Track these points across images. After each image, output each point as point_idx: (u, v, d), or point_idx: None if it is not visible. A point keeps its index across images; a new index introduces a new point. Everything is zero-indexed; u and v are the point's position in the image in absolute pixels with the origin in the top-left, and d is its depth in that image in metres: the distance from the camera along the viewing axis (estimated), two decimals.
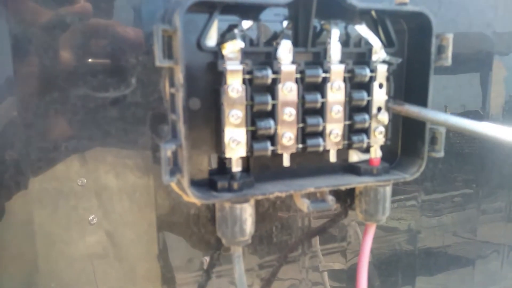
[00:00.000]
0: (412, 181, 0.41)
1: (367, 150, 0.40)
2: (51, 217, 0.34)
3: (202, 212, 0.38)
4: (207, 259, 0.42)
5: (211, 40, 0.34)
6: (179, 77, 0.31)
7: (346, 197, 0.42)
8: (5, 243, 0.34)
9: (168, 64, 0.31)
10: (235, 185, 0.35)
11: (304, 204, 0.36)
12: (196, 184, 0.35)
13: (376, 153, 0.40)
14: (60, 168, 0.33)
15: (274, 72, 0.35)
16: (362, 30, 0.39)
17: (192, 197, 0.33)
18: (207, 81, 0.35)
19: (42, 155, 0.32)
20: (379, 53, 0.39)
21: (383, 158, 0.41)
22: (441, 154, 0.40)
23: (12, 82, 0.30)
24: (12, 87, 0.30)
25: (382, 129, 0.39)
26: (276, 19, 0.38)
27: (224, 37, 0.35)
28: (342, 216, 0.44)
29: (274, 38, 0.38)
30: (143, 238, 0.38)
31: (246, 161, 0.37)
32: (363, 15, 0.39)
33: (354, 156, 0.41)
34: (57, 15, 0.32)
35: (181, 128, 0.32)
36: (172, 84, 0.34)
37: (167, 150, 0.31)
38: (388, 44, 0.40)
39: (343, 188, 0.38)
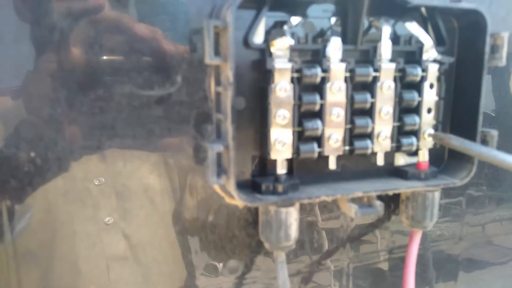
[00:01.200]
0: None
1: (414, 153, 0.39)
2: (87, 217, 0.34)
3: (243, 214, 0.37)
4: (220, 264, 0.41)
5: (259, 37, 0.33)
6: (228, 75, 0.30)
7: (389, 202, 0.41)
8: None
9: (217, 62, 0.30)
10: (280, 187, 0.34)
11: (351, 210, 0.34)
12: (239, 185, 0.33)
13: (424, 157, 0.38)
14: (101, 167, 0.32)
15: (323, 71, 0.33)
16: (413, 27, 0.37)
17: (238, 200, 0.31)
18: (253, 80, 0.34)
19: (85, 152, 0.31)
20: (430, 52, 0.37)
21: (429, 162, 0.39)
22: (487, 161, 0.38)
23: (53, 76, 0.29)
24: (54, 83, 0.29)
25: (431, 131, 0.37)
26: (324, 15, 0.36)
27: (270, 34, 0.34)
28: (385, 221, 0.43)
29: (321, 35, 0.37)
30: (178, 238, 0.37)
31: (289, 162, 0.36)
32: (413, 12, 0.38)
33: (401, 159, 0.39)
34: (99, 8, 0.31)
35: (229, 128, 0.31)
36: (218, 83, 0.33)
37: (214, 151, 0.30)
38: (438, 42, 0.38)
39: (390, 193, 0.36)
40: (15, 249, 0.31)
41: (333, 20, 0.36)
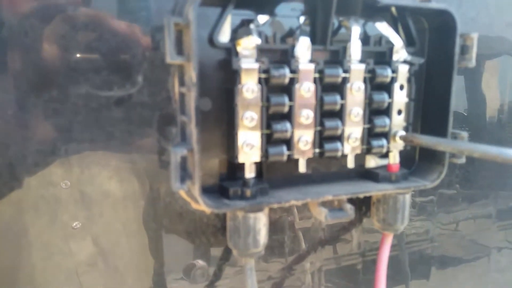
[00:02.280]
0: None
1: (384, 155, 0.38)
2: (47, 225, 0.32)
3: (211, 220, 0.36)
4: (199, 261, 0.39)
5: (224, 35, 0.32)
6: (192, 75, 0.28)
7: (361, 205, 0.40)
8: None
9: (180, 61, 0.28)
10: (248, 192, 0.33)
11: (321, 213, 0.33)
12: (205, 190, 0.32)
13: (395, 159, 0.38)
14: (57, 172, 0.30)
15: (292, 71, 0.32)
16: (383, 28, 0.37)
17: (203, 206, 0.30)
18: (219, 80, 0.32)
19: (40, 158, 0.29)
20: (400, 52, 0.37)
21: (400, 164, 0.39)
22: (462, 160, 0.38)
23: (6, 78, 0.27)
24: (6, 84, 0.27)
25: (402, 133, 0.37)
26: (292, 14, 0.35)
27: (237, 33, 0.33)
28: (356, 224, 0.42)
29: (290, 35, 0.35)
30: (146, 247, 0.36)
31: (258, 166, 0.35)
32: (383, 12, 0.37)
33: (371, 162, 0.38)
34: (54, 4, 0.29)
35: (193, 130, 0.29)
36: (182, 83, 0.32)
37: (177, 155, 0.29)
38: (408, 43, 0.38)
39: (361, 196, 0.35)
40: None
41: (302, 19, 0.35)
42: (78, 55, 0.28)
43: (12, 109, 0.27)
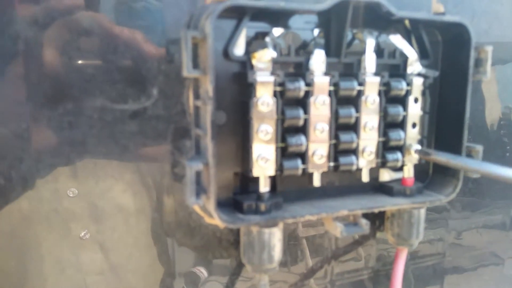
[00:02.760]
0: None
1: (399, 168, 0.38)
2: (59, 237, 0.31)
3: (224, 235, 0.35)
4: (201, 269, 0.39)
5: (239, 48, 0.32)
6: (208, 89, 0.28)
7: (374, 218, 0.39)
8: None
9: (196, 75, 0.28)
10: (263, 206, 0.32)
11: (337, 229, 0.33)
12: (219, 204, 0.31)
13: (409, 172, 0.37)
14: (72, 185, 0.30)
15: (307, 84, 0.32)
16: (397, 40, 0.36)
17: (218, 221, 0.29)
18: (234, 93, 0.32)
19: (54, 170, 0.29)
20: (414, 65, 0.37)
21: (414, 177, 0.38)
22: (477, 174, 0.38)
23: (22, 90, 0.27)
24: (21, 97, 0.27)
25: (418, 146, 0.36)
26: (306, 27, 0.35)
27: (251, 45, 0.32)
28: (370, 238, 0.41)
29: (303, 48, 0.35)
30: (157, 260, 0.35)
31: (272, 179, 0.34)
32: (397, 25, 0.37)
33: (386, 175, 0.38)
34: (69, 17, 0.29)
35: (209, 144, 0.29)
36: (197, 96, 0.31)
37: (193, 170, 0.28)
38: (422, 56, 0.38)
39: (376, 210, 0.35)
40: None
41: (316, 31, 0.35)
42: (93, 68, 0.28)
43: (26, 123, 0.27)
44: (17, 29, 0.26)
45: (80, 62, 0.28)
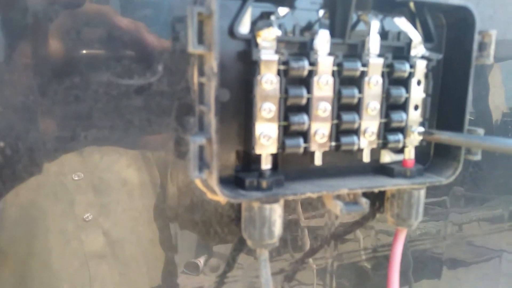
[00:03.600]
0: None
1: (400, 150, 0.38)
2: (63, 213, 0.32)
3: (226, 211, 0.36)
4: (201, 261, 0.40)
5: (244, 27, 0.32)
6: (213, 65, 0.29)
7: (374, 199, 0.40)
8: None
9: (201, 51, 0.28)
10: (264, 183, 0.33)
11: (337, 207, 0.33)
12: (221, 181, 0.32)
13: (410, 154, 0.38)
14: (76, 160, 0.30)
15: (311, 64, 0.32)
16: (401, 23, 0.36)
17: (220, 196, 0.30)
18: (238, 71, 0.33)
19: (59, 144, 0.29)
20: (418, 48, 0.37)
21: (415, 159, 0.39)
22: (478, 157, 0.38)
23: (29, 65, 0.28)
24: (29, 71, 0.28)
25: (420, 129, 0.37)
26: (312, 7, 0.35)
27: (255, 24, 0.33)
28: (369, 220, 0.42)
29: (308, 28, 0.36)
30: (159, 236, 0.36)
31: (274, 158, 0.35)
32: (401, 8, 0.37)
33: (387, 157, 0.38)
34: None
35: (212, 120, 0.29)
36: (201, 73, 0.32)
37: (196, 144, 0.29)
38: (426, 39, 0.38)
39: (376, 190, 0.35)
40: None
41: (321, 12, 0.35)
42: (100, 45, 0.28)
43: (34, 95, 0.28)
44: (27, 4, 0.27)
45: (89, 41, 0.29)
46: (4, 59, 0.27)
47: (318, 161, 0.35)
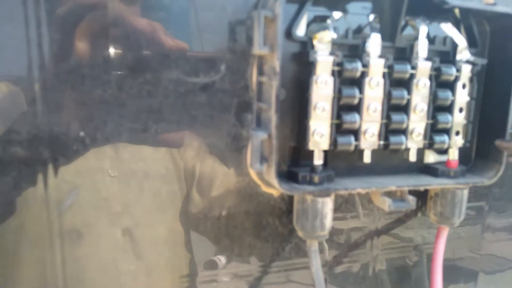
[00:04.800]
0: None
1: (444, 151, 0.39)
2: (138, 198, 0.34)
3: (277, 203, 0.38)
4: (220, 258, 0.42)
5: (301, 29, 0.34)
6: (275, 65, 0.31)
7: (417, 198, 0.41)
8: None
9: (266, 52, 0.30)
10: (316, 178, 0.34)
11: (385, 203, 0.35)
12: None
13: (454, 155, 0.39)
14: (146, 151, 0.33)
15: (363, 66, 0.34)
16: (447, 28, 0.38)
17: (279, 188, 0.32)
18: (293, 71, 0.35)
19: (132, 135, 0.32)
20: (463, 53, 0.38)
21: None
22: None
23: (108, 61, 0.30)
24: (108, 67, 0.30)
25: (463, 130, 0.38)
26: (363, 12, 0.37)
27: (310, 27, 0.35)
28: (411, 217, 0.43)
29: (359, 31, 0.37)
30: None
31: (324, 155, 0.36)
32: (447, 13, 0.39)
33: (431, 157, 0.40)
34: None
35: (272, 117, 0.31)
36: (260, 72, 0.34)
37: (259, 138, 0.31)
38: (470, 44, 0.39)
39: (422, 188, 0.37)
40: (60, 226, 0.32)
41: (371, 17, 0.37)
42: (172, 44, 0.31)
43: (112, 89, 0.30)
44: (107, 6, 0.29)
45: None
46: (87, 56, 0.29)
47: (367, 158, 0.36)
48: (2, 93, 0.29)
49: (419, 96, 0.36)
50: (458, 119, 0.38)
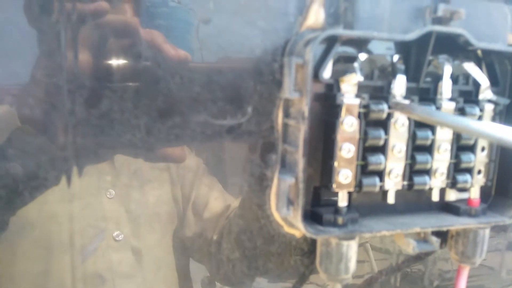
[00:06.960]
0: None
1: (464, 189, 0.39)
2: None
3: (299, 244, 0.38)
4: None
5: (327, 72, 0.34)
6: (304, 109, 0.31)
7: (437, 236, 0.41)
8: None
9: (296, 97, 0.30)
10: (340, 220, 0.34)
11: (410, 245, 0.35)
12: None
13: (476, 194, 0.39)
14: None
15: (388, 107, 0.34)
16: (470, 68, 0.38)
17: (305, 232, 0.32)
18: (317, 112, 0.34)
19: (158, 174, 0.32)
20: (485, 92, 0.38)
21: None
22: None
23: (139, 106, 0.30)
24: (138, 112, 0.30)
25: (485, 169, 0.38)
26: (387, 52, 0.37)
27: (338, 68, 0.35)
28: (431, 254, 0.43)
29: (383, 72, 0.37)
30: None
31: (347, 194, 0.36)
32: (469, 53, 0.39)
33: (452, 195, 0.39)
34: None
35: (299, 160, 0.31)
36: (286, 115, 0.34)
37: (287, 183, 0.31)
38: (492, 83, 0.39)
39: (445, 229, 0.37)
40: (84, 271, 0.32)
41: (395, 57, 0.37)
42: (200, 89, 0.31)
43: (141, 133, 0.30)
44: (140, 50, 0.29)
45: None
46: (114, 101, 0.29)
47: (391, 199, 0.36)
48: None
49: (443, 136, 0.36)
50: (481, 158, 0.38)
